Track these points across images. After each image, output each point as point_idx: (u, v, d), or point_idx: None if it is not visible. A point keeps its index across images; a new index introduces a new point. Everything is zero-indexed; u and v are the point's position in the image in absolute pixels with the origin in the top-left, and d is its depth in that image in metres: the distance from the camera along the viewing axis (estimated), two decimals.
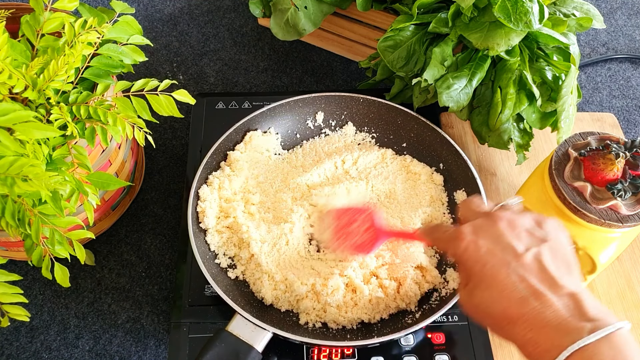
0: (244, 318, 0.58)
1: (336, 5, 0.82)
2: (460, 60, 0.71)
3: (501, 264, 0.45)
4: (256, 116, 0.75)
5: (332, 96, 0.78)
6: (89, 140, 0.56)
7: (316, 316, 0.62)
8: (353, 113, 0.79)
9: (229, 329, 0.58)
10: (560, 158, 0.58)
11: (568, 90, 0.66)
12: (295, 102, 0.77)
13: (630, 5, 1.08)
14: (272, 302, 0.63)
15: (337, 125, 0.79)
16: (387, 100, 0.77)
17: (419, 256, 0.66)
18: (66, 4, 0.59)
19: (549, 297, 0.42)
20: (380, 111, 0.78)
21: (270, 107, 0.75)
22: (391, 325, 0.62)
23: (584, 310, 0.41)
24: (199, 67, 0.95)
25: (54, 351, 0.68)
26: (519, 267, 0.44)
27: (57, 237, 0.53)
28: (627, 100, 0.94)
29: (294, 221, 0.68)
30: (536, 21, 0.64)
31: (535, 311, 0.42)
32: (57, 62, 0.53)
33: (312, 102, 0.78)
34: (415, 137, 0.77)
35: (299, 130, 0.79)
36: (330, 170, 0.74)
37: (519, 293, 0.43)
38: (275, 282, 0.64)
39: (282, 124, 0.78)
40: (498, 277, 0.45)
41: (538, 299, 0.43)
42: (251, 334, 0.58)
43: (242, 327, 0.58)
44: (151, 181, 0.82)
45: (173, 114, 0.58)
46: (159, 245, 0.76)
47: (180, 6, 1.04)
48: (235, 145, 0.74)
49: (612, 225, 0.54)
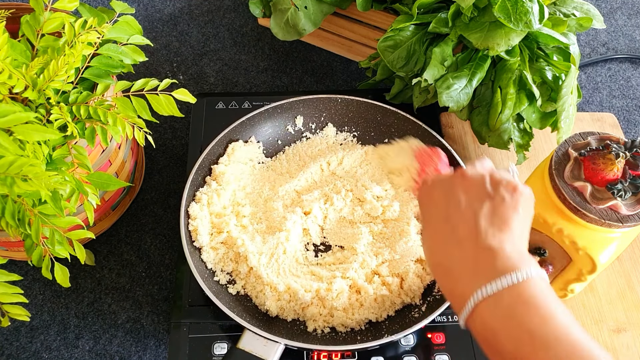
0: (254, 333, 0.58)
1: (336, 5, 0.82)
2: (460, 60, 0.71)
3: (439, 213, 0.47)
4: (236, 127, 0.74)
5: (310, 99, 0.78)
6: (89, 140, 0.56)
7: (324, 322, 0.62)
8: (332, 114, 0.79)
9: (241, 346, 0.57)
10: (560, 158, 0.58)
11: (568, 90, 0.66)
12: (273, 108, 0.76)
13: (630, 5, 1.08)
14: (278, 313, 0.63)
15: (318, 128, 0.79)
16: (364, 99, 0.77)
17: (417, 249, 0.66)
18: (66, 4, 0.59)
19: (468, 248, 0.44)
20: (359, 109, 0.78)
21: (249, 117, 0.75)
22: (399, 321, 0.62)
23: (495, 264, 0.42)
24: (199, 67, 0.95)
25: (54, 351, 0.68)
26: (453, 218, 0.46)
27: (57, 237, 0.53)
28: (627, 100, 0.94)
29: (289, 229, 0.67)
30: (536, 21, 0.64)
31: (456, 260, 0.44)
32: (57, 62, 0.53)
33: (290, 107, 0.77)
34: (396, 132, 0.77)
35: (280, 137, 0.78)
36: (317, 174, 0.74)
37: (447, 241, 0.45)
38: (279, 293, 0.63)
39: (262, 131, 0.77)
40: (434, 225, 0.47)
41: (459, 248, 0.45)
42: (264, 349, 0.57)
43: (253, 342, 0.58)
44: (151, 181, 0.82)
45: (173, 113, 0.58)
46: (159, 245, 0.76)
47: (180, 6, 1.04)
48: (219, 159, 0.73)
49: (612, 225, 0.54)
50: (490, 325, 0.41)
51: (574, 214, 0.55)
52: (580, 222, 0.55)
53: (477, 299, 0.41)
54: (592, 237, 0.56)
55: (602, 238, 0.56)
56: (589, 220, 0.55)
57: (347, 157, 0.75)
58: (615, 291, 0.70)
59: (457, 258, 0.45)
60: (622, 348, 0.66)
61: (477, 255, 0.44)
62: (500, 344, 0.40)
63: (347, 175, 0.74)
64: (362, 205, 0.71)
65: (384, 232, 0.69)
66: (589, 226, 0.55)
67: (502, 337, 0.40)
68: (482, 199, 0.46)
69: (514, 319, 0.40)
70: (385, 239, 0.68)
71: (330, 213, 0.70)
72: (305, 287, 0.63)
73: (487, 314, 0.41)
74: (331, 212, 0.70)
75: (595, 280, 0.71)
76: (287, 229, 0.67)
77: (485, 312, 0.41)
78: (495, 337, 0.40)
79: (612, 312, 0.69)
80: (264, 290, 0.63)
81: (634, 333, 0.67)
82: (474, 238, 0.44)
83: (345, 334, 0.62)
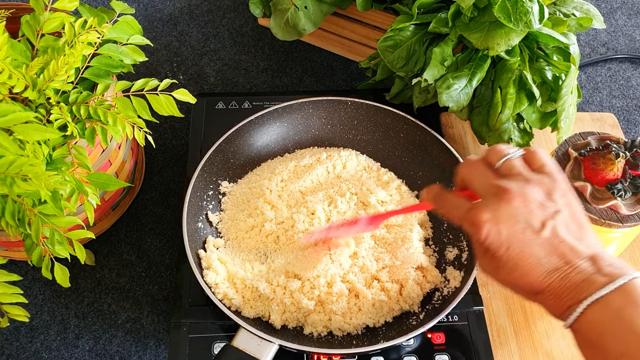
0: (249, 332, 0.58)
1: (336, 5, 0.82)
2: (460, 60, 0.71)
3: (523, 245, 0.46)
4: (244, 125, 0.73)
5: (320, 101, 0.76)
6: (89, 140, 0.56)
7: (323, 327, 0.62)
8: (341, 115, 0.78)
9: (235, 344, 0.57)
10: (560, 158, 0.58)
11: (568, 90, 0.66)
12: (283, 108, 0.75)
13: (630, 5, 1.08)
14: (283, 324, 0.62)
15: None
16: (374, 102, 0.76)
17: (418, 257, 0.65)
18: (66, 4, 0.59)
19: (570, 266, 0.45)
20: (368, 113, 0.77)
21: (257, 116, 0.74)
22: (396, 328, 0.62)
23: (601, 267, 0.44)
24: (199, 67, 0.95)
25: (54, 351, 0.68)
26: (539, 244, 0.46)
27: (57, 237, 0.53)
28: (627, 100, 0.94)
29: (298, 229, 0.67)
30: (536, 21, 0.64)
31: (559, 280, 0.45)
32: (57, 62, 0.53)
33: (300, 107, 0.76)
34: (404, 138, 0.76)
35: (289, 137, 0.78)
36: (322, 176, 0.74)
37: (543, 268, 0.45)
38: (285, 306, 0.62)
39: (269, 132, 0.77)
40: (522, 258, 0.46)
41: (560, 270, 0.45)
42: (258, 348, 0.57)
43: (248, 341, 0.57)
44: (151, 181, 0.82)
45: (173, 113, 0.58)
46: (159, 245, 0.76)
47: (180, 6, 1.04)
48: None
49: (612, 225, 0.54)
50: (597, 327, 0.42)
51: None
52: None
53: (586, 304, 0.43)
54: None
55: (602, 238, 0.56)
56: (589, 220, 0.55)
57: (350, 162, 0.75)
58: None
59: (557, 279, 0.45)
60: None
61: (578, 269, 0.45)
62: (607, 345, 0.41)
63: (352, 178, 0.74)
64: (366, 209, 0.70)
65: (386, 237, 0.68)
66: None
67: (609, 338, 0.41)
68: (553, 216, 0.47)
69: (623, 320, 0.41)
70: (387, 245, 0.67)
71: (333, 215, 0.70)
72: (308, 295, 0.62)
73: (595, 317, 0.42)
74: (334, 214, 0.70)
75: None
76: (297, 229, 0.67)
77: (593, 315, 0.42)
78: (601, 339, 0.42)
79: None
80: (270, 306, 0.62)
81: None
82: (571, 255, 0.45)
83: (341, 337, 0.61)
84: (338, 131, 0.79)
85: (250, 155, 0.76)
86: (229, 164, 0.74)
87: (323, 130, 0.79)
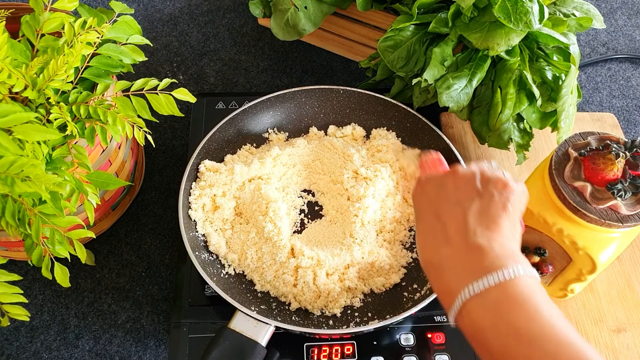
0: (246, 314, 0.59)
1: (336, 5, 0.82)
2: (460, 60, 0.71)
3: (430, 210, 0.48)
4: (238, 114, 0.76)
5: (312, 89, 0.78)
6: (89, 140, 0.56)
7: (319, 305, 0.63)
8: (334, 104, 0.80)
9: (231, 327, 0.58)
10: (560, 158, 0.58)
11: (568, 90, 0.66)
12: (275, 97, 0.77)
13: (630, 5, 1.08)
14: (299, 305, 0.64)
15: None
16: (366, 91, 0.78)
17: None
18: (66, 4, 0.59)
19: (457, 246, 0.44)
20: (360, 101, 0.79)
21: (251, 105, 0.76)
22: (397, 306, 0.63)
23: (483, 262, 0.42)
24: (199, 67, 0.95)
25: (54, 351, 0.68)
26: (443, 215, 0.47)
27: (57, 236, 0.53)
28: (627, 100, 0.94)
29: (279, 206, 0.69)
30: (536, 21, 0.64)
31: (445, 257, 0.45)
32: (56, 62, 0.53)
33: (293, 96, 0.78)
34: (396, 125, 0.78)
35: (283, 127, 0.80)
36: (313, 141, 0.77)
37: (437, 239, 0.46)
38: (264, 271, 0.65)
39: (262, 121, 0.78)
40: (426, 222, 0.48)
41: (449, 246, 0.45)
42: (254, 330, 0.58)
43: (244, 323, 0.58)
44: (151, 181, 0.82)
45: (173, 113, 0.58)
46: (159, 245, 0.76)
47: (180, 6, 1.04)
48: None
49: (612, 225, 0.54)
50: (478, 323, 0.41)
51: (574, 214, 0.55)
52: (580, 222, 0.55)
53: (465, 296, 0.42)
54: (592, 237, 0.56)
55: (602, 238, 0.56)
56: (589, 220, 0.55)
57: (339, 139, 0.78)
58: (615, 291, 0.70)
59: (446, 256, 0.45)
60: (622, 348, 0.66)
61: (466, 253, 0.44)
62: (488, 342, 0.40)
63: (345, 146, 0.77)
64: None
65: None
66: (589, 226, 0.55)
67: (490, 335, 0.40)
68: (472, 197, 0.47)
69: (501, 316, 0.40)
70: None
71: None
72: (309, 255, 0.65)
73: (475, 311, 0.41)
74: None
75: (595, 280, 0.71)
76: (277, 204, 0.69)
77: (473, 310, 0.41)
78: (483, 335, 0.41)
79: (612, 312, 0.69)
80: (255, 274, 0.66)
81: (634, 333, 0.67)
82: (463, 236, 0.45)
83: (339, 316, 0.63)
84: (331, 120, 0.80)
85: (245, 142, 0.78)
86: (223, 152, 0.76)
87: (316, 119, 0.80)
